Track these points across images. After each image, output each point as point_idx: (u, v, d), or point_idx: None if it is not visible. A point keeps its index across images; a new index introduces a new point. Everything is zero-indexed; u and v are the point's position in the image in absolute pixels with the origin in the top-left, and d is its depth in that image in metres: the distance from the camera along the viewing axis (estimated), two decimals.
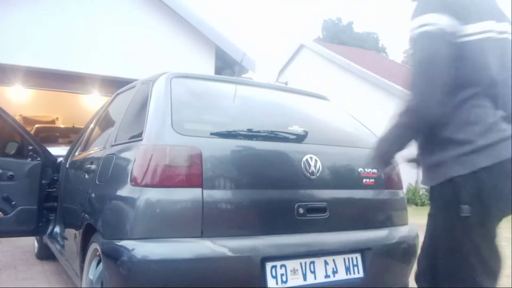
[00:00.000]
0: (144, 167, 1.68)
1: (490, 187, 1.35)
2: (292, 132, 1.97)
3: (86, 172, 2.40)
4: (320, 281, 1.81)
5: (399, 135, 1.43)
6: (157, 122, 1.81)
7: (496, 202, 1.38)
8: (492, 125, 1.37)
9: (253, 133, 1.88)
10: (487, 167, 1.33)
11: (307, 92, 2.73)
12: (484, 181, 1.33)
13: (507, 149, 1.37)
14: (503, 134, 1.37)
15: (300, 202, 1.85)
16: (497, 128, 1.38)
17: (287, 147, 1.95)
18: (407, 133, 1.42)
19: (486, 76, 1.35)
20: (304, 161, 1.90)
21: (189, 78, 2.25)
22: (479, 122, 1.35)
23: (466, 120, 1.35)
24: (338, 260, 1.88)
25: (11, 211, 3.06)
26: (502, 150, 1.36)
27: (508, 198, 1.41)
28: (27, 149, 3.18)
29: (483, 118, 1.36)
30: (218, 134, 1.81)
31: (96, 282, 1.92)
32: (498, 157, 1.35)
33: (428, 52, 1.33)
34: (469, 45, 1.35)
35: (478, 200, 1.34)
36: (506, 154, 1.36)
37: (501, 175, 1.36)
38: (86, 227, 2.11)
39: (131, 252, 1.57)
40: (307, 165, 1.90)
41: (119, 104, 2.61)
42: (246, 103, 2.30)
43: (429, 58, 1.33)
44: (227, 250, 1.65)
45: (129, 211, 1.68)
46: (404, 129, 1.41)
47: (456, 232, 1.39)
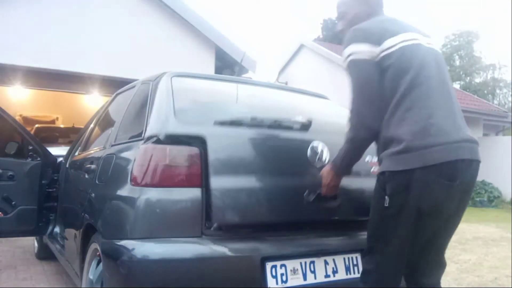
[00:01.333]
0: (144, 167, 1.68)
1: (415, 186, 1.44)
2: (297, 121, 1.95)
3: (86, 172, 2.40)
4: (320, 281, 1.81)
5: (350, 149, 1.63)
6: (158, 120, 1.81)
7: (419, 202, 1.46)
8: (426, 127, 1.47)
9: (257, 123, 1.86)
10: (419, 167, 1.44)
11: (307, 91, 2.73)
12: (411, 179, 1.45)
13: (442, 153, 1.45)
14: (439, 139, 1.46)
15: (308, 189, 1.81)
16: (432, 131, 1.47)
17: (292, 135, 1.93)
18: (355, 146, 1.62)
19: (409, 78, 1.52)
20: (309, 148, 1.88)
21: (190, 77, 2.26)
22: (411, 124, 1.48)
23: (401, 123, 1.49)
24: (338, 260, 1.88)
25: (11, 211, 3.06)
26: (435, 154, 1.45)
27: (435, 201, 1.49)
28: (27, 149, 3.18)
29: (416, 121, 1.48)
30: (221, 123, 1.81)
31: (96, 282, 1.92)
32: (430, 160, 1.44)
33: (358, 76, 1.58)
34: (388, 57, 1.55)
35: (401, 195, 1.46)
36: (439, 158, 1.44)
37: (431, 177, 1.45)
38: (86, 227, 2.11)
39: (131, 252, 1.57)
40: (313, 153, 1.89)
41: (119, 104, 2.61)
42: (248, 101, 2.30)
43: (360, 81, 1.58)
44: (227, 250, 1.65)
45: (129, 211, 1.68)
46: (352, 143, 1.61)
47: (378, 219, 1.57)
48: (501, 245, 5.25)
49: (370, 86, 1.56)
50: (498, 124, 12.94)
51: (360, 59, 1.57)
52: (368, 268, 1.60)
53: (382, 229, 1.55)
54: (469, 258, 4.42)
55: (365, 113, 1.57)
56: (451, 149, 1.46)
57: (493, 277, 3.70)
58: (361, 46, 1.57)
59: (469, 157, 1.50)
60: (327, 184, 1.72)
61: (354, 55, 1.58)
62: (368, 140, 1.62)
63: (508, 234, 6.13)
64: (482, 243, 5.32)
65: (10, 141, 3.16)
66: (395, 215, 1.49)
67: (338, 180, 1.74)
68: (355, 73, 1.59)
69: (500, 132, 13.49)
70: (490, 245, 5.25)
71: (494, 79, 25.82)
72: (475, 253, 4.67)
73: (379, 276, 1.56)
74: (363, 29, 1.61)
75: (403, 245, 1.53)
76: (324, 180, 1.73)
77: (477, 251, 4.79)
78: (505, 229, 6.66)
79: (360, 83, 1.58)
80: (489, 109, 12.72)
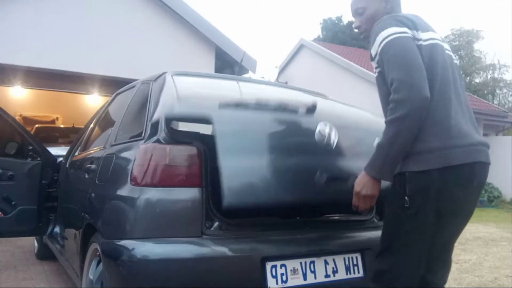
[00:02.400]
0: (144, 166, 1.68)
1: (436, 187, 1.43)
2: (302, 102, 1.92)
3: (86, 172, 2.40)
4: (320, 281, 1.81)
5: (400, 133, 1.41)
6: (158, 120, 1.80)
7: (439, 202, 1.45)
8: (448, 129, 1.46)
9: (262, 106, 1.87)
10: (440, 168, 1.42)
11: (307, 90, 2.73)
12: (431, 180, 1.43)
13: (462, 155, 1.45)
14: (459, 140, 1.46)
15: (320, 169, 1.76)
16: (453, 133, 1.46)
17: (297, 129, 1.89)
18: (409, 125, 1.41)
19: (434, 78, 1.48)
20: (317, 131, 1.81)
21: (190, 76, 2.26)
22: (433, 125, 1.45)
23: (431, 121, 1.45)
24: (338, 260, 1.88)
25: (11, 211, 3.06)
26: (456, 155, 1.44)
27: (454, 203, 1.49)
28: (27, 149, 3.18)
29: (438, 121, 1.46)
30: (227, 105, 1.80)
31: (96, 282, 1.92)
32: (451, 161, 1.43)
33: (405, 49, 1.47)
34: (423, 49, 1.51)
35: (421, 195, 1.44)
36: (460, 159, 1.44)
37: (451, 178, 1.44)
38: (86, 227, 2.10)
39: (131, 251, 1.57)
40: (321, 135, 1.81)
41: (119, 104, 2.61)
42: (249, 98, 2.30)
43: (407, 53, 1.46)
44: (227, 250, 1.65)
45: (129, 211, 1.68)
46: (403, 122, 1.40)
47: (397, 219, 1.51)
48: (501, 245, 5.25)
49: (417, 57, 1.46)
50: (498, 124, 12.93)
51: (403, 36, 1.49)
52: (383, 268, 1.55)
53: (400, 229, 1.51)
54: (469, 258, 4.42)
55: (418, 81, 1.41)
56: (470, 152, 1.47)
57: (493, 277, 3.70)
58: (401, 29, 1.50)
59: (484, 160, 1.51)
60: (363, 195, 1.50)
61: (396, 34, 1.49)
62: (423, 115, 1.42)
63: (508, 234, 6.12)
64: (482, 243, 5.32)
65: (10, 141, 3.16)
66: (415, 215, 1.45)
67: (377, 187, 1.50)
68: (399, 48, 1.47)
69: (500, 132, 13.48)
70: (490, 245, 5.25)
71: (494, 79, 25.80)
72: (475, 253, 4.67)
73: (395, 277, 1.52)
74: (399, 16, 1.57)
75: (421, 245, 1.51)
76: (361, 190, 1.50)
77: (477, 251, 4.79)
78: (505, 229, 6.66)
79: (408, 55, 1.45)
80: (489, 109, 12.72)
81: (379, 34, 1.52)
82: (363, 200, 1.52)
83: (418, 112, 1.40)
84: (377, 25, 1.56)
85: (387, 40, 1.49)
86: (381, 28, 1.52)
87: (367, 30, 1.72)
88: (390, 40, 1.48)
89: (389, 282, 1.53)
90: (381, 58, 1.51)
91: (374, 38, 1.55)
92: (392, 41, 1.48)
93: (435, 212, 1.46)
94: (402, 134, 1.41)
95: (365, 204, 1.53)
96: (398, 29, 1.49)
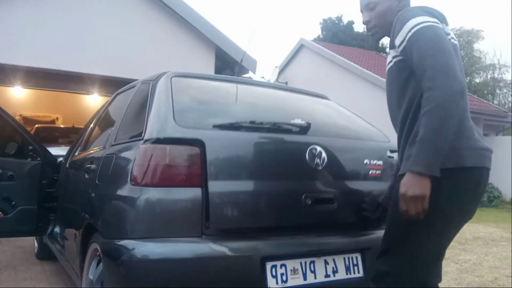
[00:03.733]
0: (144, 166, 1.68)
1: (446, 188, 1.39)
2: (295, 124, 1.95)
3: (86, 172, 2.40)
4: (320, 281, 1.81)
5: (436, 128, 1.32)
6: (158, 120, 1.80)
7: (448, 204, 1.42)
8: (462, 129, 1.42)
9: (256, 125, 1.87)
10: (451, 168, 1.38)
11: (307, 91, 2.73)
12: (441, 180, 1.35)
13: (474, 158, 1.42)
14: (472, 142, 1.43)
15: (306, 193, 1.84)
16: (467, 134, 1.44)
17: (291, 139, 1.94)
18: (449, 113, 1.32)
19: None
20: (308, 152, 1.88)
21: (189, 77, 2.25)
22: None
23: None
24: (338, 260, 1.88)
25: (11, 211, 3.06)
26: (469, 157, 1.41)
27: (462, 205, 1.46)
28: (27, 149, 3.18)
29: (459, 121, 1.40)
30: (220, 126, 1.81)
31: (96, 282, 1.92)
32: (463, 162, 1.40)
33: (439, 38, 1.40)
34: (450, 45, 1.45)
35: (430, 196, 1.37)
36: (472, 162, 1.41)
37: (461, 180, 1.41)
38: (86, 227, 2.10)
39: (131, 252, 1.57)
40: (311, 156, 1.88)
41: (119, 104, 2.61)
42: (248, 101, 2.30)
43: (440, 42, 1.39)
44: (227, 250, 1.65)
45: (129, 211, 1.68)
46: (444, 109, 1.32)
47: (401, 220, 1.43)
48: (501, 245, 5.25)
49: (451, 47, 1.42)
50: (498, 124, 12.93)
51: (436, 25, 1.44)
52: (384, 269, 1.53)
53: (404, 231, 1.47)
54: (469, 258, 4.41)
55: (454, 69, 1.35)
56: (481, 156, 1.45)
57: (493, 277, 3.70)
58: (433, 19, 1.46)
59: (489, 166, 1.48)
60: (410, 196, 1.33)
61: (429, 22, 1.44)
62: (461, 103, 1.35)
63: (508, 234, 6.12)
64: (482, 243, 5.32)
65: (10, 141, 3.16)
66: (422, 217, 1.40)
67: (427, 186, 1.32)
68: (434, 35, 1.41)
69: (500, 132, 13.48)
70: (490, 245, 5.25)
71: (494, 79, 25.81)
72: (475, 253, 4.67)
73: (396, 279, 1.50)
74: (428, 8, 1.52)
75: (425, 247, 1.48)
76: (407, 191, 1.34)
77: (477, 251, 4.79)
78: (505, 229, 6.65)
79: (442, 43, 1.40)
80: (489, 109, 12.72)
81: (408, 21, 1.46)
82: (412, 203, 1.33)
83: (456, 99, 1.32)
84: (404, 13, 1.50)
85: (418, 27, 1.43)
86: (411, 16, 1.47)
87: (376, 26, 1.68)
88: (423, 27, 1.42)
89: (391, 283, 1.51)
90: (410, 45, 1.44)
91: (400, 26, 1.48)
92: (425, 28, 1.42)
93: (442, 215, 1.42)
94: (446, 122, 1.31)
95: (416, 207, 1.33)
96: (430, 19, 1.45)
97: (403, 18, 1.49)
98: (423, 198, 1.32)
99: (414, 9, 1.51)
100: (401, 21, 1.49)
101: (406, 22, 1.46)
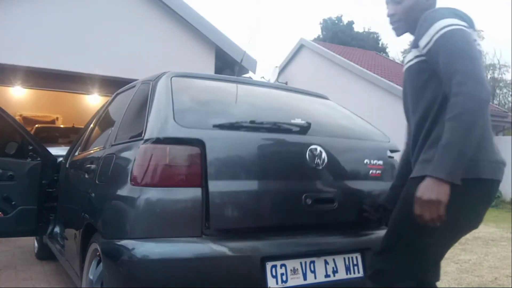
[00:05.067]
0: (144, 166, 1.68)
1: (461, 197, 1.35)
2: (296, 123, 1.94)
3: (86, 172, 2.40)
4: (320, 281, 1.81)
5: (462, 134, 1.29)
6: (158, 120, 1.81)
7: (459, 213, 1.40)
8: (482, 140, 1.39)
9: (256, 125, 1.87)
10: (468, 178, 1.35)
11: (307, 91, 2.73)
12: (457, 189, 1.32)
13: (491, 170, 1.41)
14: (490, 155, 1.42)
15: (307, 193, 1.84)
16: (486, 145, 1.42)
17: (291, 139, 1.94)
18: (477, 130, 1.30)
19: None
20: (308, 151, 1.89)
21: (189, 77, 2.25)
22: None
23: None
24: (338, 260, 1.88)
25: (11, 211, 3.06)
26: (486, 169, 1.40)
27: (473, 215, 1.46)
28: (27, 149, 3.18)
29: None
30: (220, 126, 1.81)
31: (96, 282, 1.92)
32: (481, 174, 1.39)
33: (467, 43, 1.38)
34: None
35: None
36: (489, 174, 1.40)
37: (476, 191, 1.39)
38: (86, 227, 2.10)
39: (131, 251, 1.57)
40: (312, 156, 1.89)
41: (119, 104, 2.61)
42: (248, 101, 2.30)
43: (469, 47, 1.37)
44: (227, 250, 1.65)
45: (129, 211, 1.68)
46: (473, 128, 1.29)
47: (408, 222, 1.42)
48: (501, 245, 5.25)
49: (478, 53, 1.39)
50: (498, 124, 12.92)
51: (463, 29, 1.41)
52: (383, 268, 1.52)
53: (409, 232, 1.45)
54: (469, 258, 4.41)
55: (482, 76, 1.33)
56: (497, 168, 1.43)
57: (493, 277, 3.70)
58: (462, 23, 1.43)
59: (501, 179, 1.46)
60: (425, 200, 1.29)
61: (458, 26, 1.41)
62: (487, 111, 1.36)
63: (508, 234, 6.12)
64: (482, 243, 5.32)
65: (10, 141, 3.16)
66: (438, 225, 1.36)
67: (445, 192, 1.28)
68: (463, 39, 1.38)
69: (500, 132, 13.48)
70: (490, 245, 5.25)
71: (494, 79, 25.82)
72: (475, 253, 4.67)
73: (395, 278, 1.49)
74: (457, 10, 1.48)
75: (428, 250, 1.48)
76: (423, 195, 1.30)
77: (477, 251, 4.79)
78: (505, 229, 6.65)
79: (471, 49, 1.37)
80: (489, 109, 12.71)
81: (436, 23, 1.42)
82: (427, 207, 1.29)
83: (483, 107, 1.31)
84: (432, 13, 1.47)
85: (447, 30, 1.40)
86: (439, 17, 1.43)
87: (400, 21, 1.64)
88: (452, 30, 1.40)
89: (389, 283, 1.50)
90: (437, 47, 1.41)
91: (427, 26, 1.45)
92: (454, 31, 1.39)
93: (452, 223, 1.39)
94: (472, 130, 1.29)
95: (430, 212, 1.29)
96: (459, 22, 1.42)
97: (430, 19, 1.45)
98: (439, 203, 1.28)
99: (443, 10, 1.47)
100: (428, 21, 1.46)
101: (434, 23, 1.43)
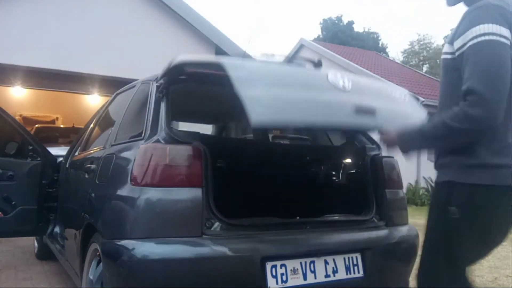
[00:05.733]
0: (144, 166, 1.68)
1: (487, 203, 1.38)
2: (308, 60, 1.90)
3: (86, 172, 2.40)
4: (320, 281, 1.81)
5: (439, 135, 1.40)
6: (158, 120, 1.81)
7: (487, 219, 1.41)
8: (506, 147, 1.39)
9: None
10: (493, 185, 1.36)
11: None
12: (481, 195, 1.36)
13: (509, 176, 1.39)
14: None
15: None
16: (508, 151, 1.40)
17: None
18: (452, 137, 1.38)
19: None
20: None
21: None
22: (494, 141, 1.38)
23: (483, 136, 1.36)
24: (338, 260, 1.88)
25: (11, 211, 3.06)
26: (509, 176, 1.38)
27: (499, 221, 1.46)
28: (27, 149, 3.18)
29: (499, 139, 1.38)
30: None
31: (96, 282, 1.92)
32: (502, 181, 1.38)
33: (498, 60, 1.31)
34: None
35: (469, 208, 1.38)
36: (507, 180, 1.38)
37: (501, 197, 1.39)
38: (86, 227, 2.10)
39: (131, 251, 1.57)
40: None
41: (119, 104, 2.61)
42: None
43: (497, 67, 1.31)
44: (227, 250, 1.65)
45: (129, 211, 1.68)
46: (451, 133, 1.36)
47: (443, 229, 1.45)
48: (501, 245, 5.23)
49: (508, 72, 1.31)
50: None
51: (501, 42, 1.31)
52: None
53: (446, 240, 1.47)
54: None
55: (498, 103, 1.29)
56: None
57: (493, 277, 3.69)
58: (502, 30, 1.32)
59: None
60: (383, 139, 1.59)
61: (494, 36, 1.31)
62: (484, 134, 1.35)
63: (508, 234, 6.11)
64: None
65: (10, 141, 3.16)
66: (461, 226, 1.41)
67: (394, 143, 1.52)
68: (493, 57, 1.31)
69: None
70: None
71: None
72: None
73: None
74: (505, 12, 1.36)
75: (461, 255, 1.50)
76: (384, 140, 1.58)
77: None
78: None
79: (499, 70, 1.31)
80: None
81: (475, 26, 1.34)
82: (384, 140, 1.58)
83: (482, 132, 1.34)
84: (476, 11, 1.38)
85: (482, 39, 1.32)
86: (480, 20, 1.34)
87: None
88: (485, 42, 1.32)
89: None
90: (467, 55, 1.36)
91: (466, 27, 1.37)
92: (487, 43, 1.32)
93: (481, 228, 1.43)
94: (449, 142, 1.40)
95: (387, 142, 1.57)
96: (498, 30, 1.32)
97: (472, 19, 1.37)
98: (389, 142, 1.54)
99: (489, 9, 1.36)
100: (469, 21, 1.38)
101: (473, 26, 1.35)
